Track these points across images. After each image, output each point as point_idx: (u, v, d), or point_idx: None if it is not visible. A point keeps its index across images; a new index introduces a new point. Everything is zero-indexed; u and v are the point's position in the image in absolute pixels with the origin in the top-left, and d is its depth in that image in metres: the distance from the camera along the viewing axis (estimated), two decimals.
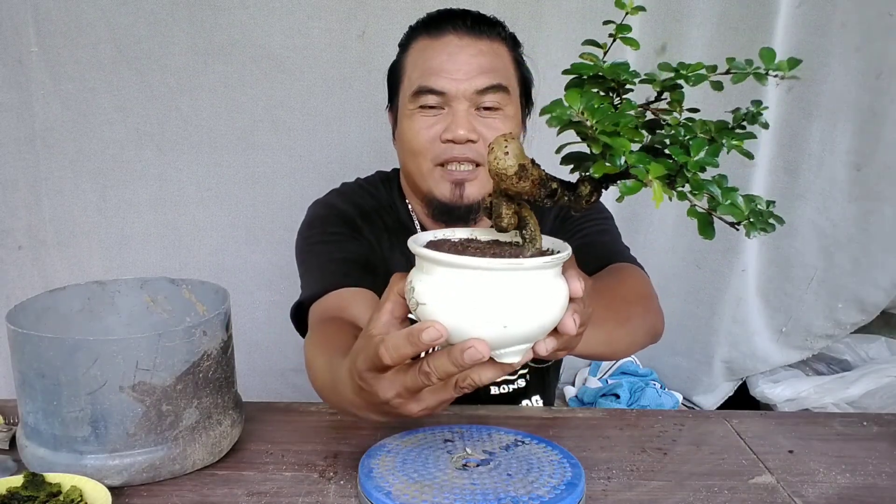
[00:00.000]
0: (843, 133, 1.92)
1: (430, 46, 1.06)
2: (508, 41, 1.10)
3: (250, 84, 1.89)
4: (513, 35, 1.12)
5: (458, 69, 1.03)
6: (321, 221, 1.14)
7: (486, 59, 1.05)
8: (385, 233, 1.16)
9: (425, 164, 1.08)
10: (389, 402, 0.65)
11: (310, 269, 1.09)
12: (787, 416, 1.14)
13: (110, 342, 0.81)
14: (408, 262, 1.15)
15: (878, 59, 1.85)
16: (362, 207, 1.16)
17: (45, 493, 0.78)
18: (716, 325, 2.12)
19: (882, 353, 2.18)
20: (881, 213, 1.94)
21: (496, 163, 0.57)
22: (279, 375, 1.98)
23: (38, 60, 1.85)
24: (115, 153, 1.92)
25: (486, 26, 1.07)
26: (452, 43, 1.05)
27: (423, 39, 1.08)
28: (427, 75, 1.05)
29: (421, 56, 1.07)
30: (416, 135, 1.07)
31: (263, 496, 0.84)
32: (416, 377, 0.61)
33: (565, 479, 0.81)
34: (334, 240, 1.10)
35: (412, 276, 0.62)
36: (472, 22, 1.06)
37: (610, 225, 1.20)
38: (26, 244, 1.97)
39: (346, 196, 1.18)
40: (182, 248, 1.99)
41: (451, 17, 1.07)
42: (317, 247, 1.10)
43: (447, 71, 1.03)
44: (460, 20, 1.06)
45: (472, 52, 1.04)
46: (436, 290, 0.58)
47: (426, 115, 1.06)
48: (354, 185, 1.22)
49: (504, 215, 0.61)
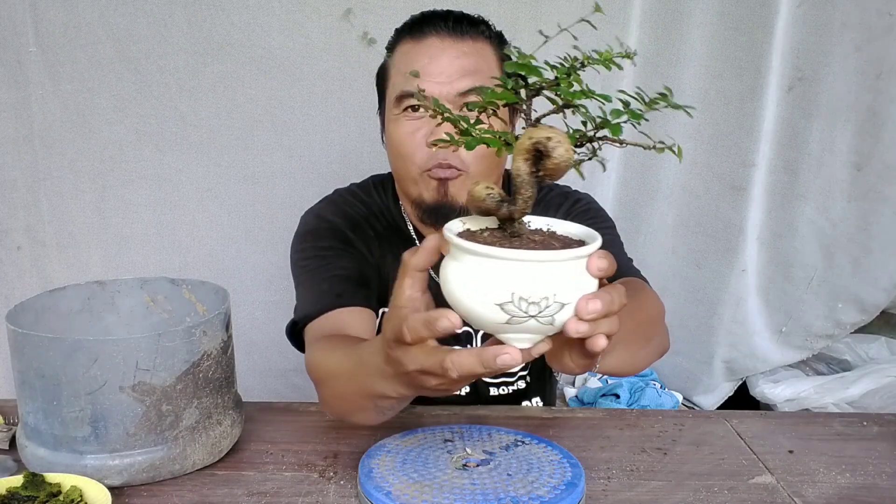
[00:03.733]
0: (842, 133, 1.92)
1: (412, 50, 1.05)
2: (494, 40, 1.08)
3: (249, 84, 1.89)
4: (499, 33, 1.10)
5: (441, 72, 1.02)
6: (312, 236, 1.13)
7: (469, 61, 1.03)
8: (376, 240, 1.16)
9: (413, 169, 1.07)
10: (411, 374, 0.67)
11: (304, 287, 1.10)
12: (787, 416, 1.14)
13: (110, 342, 0.81)
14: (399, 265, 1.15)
15: (878, 58, 1.85)
16: (352, 218, 1.15)
17: (45, 493, 0.78)
18: (716, 325, 2.12)
19: (882, 353, 2.18)
20: (881, 213, 1.94)
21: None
22: (279, 375, 1.98)
23: (36, 60, 1.84)
24: (114, 153, 1.92)
25: (468, 26, 1.05)
26: (434, 45, 1.04)
27: (407, 42, 1.07)
28: (409, 80, 1.03)
29: (404, 60, 1.06)
30: (401, 139, 1.06)
31: (263, 496, 0.84)
32: (436, 366, 0.63)
33: (565, 479, 0.81)
34: (326, 255, 1.10)
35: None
36: (454, 23, 1.04)
37: (615, 235, 1.20)
38: (25, 244, 1.96)
39: (337, 206, 1.17)
40: (181, 248, 1.99)
41: (432, 19, 1.05)
42: (310, 263, 1.10)
43: (429, 74, 1.02)
44: (442, 21, 1.04)
45: (454, 53, 1.03)
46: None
47: (411, 118, 1.05)
48: (346, 193, 1.20)
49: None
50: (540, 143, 0.58)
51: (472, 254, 0.59)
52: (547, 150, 0.58)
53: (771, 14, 1.86)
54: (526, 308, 0.58)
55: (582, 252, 0.59)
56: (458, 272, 0.60)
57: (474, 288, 0.59)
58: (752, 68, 1.91)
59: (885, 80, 1.86)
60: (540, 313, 0.58)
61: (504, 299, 0.57)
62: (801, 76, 1.92)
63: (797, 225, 2.01)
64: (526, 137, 0.59)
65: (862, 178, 1.94)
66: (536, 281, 0.57)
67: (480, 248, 0.58)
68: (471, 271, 0.59)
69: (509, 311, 0.58)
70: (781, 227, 2.03)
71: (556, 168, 0.59)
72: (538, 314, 0.58)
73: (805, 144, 1.95)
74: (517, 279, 0.57)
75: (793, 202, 1.99)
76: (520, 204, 0.61)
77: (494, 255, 0.58)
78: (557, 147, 0.58)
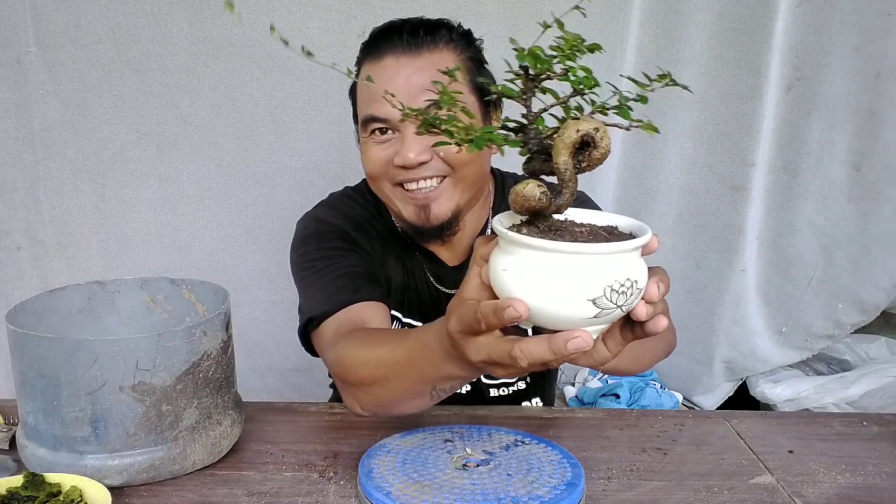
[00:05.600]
0: (841, 132, 1.92)
1: (371, 71, 1.03)
2: (457, 42, 1.04)
3: (250, 84, 1.89)
4: (466, 32, 1.07)
5: (398, 92, 0.95)
6: (316, 238, 1.11)
7: (425, 76, 0.99)
8: (378, 240, 1.15)
9: (386, 187, 1.06)
10: (476, 364, 0.67)
11: (313, 287, 1.06)
12: (787, 416, 1.14)
13: (110, 342, 0.81)
14: (402, 266, 1.15)
15: (877, 58, 1.85)
16: (354, 219, 1.14)
17: (45, 493, 0.78)
18: (716, 325, 2.12)
19: (882, 353, 2.18)
20: (880, 213, 1.94)
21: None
22: (280, 375, 1.97)
23: (36, 60, 1.84)
24: (115, 153, 1.92)
25: (425, 35, 1.02)
26: (390, 66, 1.01)
27: (367, 63, 1.04)
28: (370, 103, 1.02)
29: (364, 84, 1.03)
30: (370, 162, 1.05)
31: (263, 496, 0.84)
32: (504, 356, 0.63)
33: (565, 479, 0.82)
34: (335, 255, 1.08)
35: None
36: (410, 35, 1.01)
37: None
38: (25, 245, 1.96)
39: (336, 209, 1.16)
40: (182, 247, 1.99)
41: (389, 36, 1.03)
42: (318, 263, 1.08)
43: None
44: (397, 37, 1.02)
45: (409, 71, 1.00)
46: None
47: (378, 141, 1.04)
48: (343, 196, 1.20)
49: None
50: (588, 134, 0.58)
51: (558, 252, 0.58)
52: (594, 141, 0.58)
53: (770, 14, 1.86)
54: (616, 299, 0.58)
55: (645, 238, 0.60)
56: (531, 271, 0.59)
57: (561, 287, 0.58)
58: (752, 68, 1.91)
59: (884, 79, 1.86)
60: (626, 302, 0.59)
61: (597, 294, 0.57)
62: (801, 76, 1.92)
63: (797, 224, 2.01)
64: (573, 130, 0.58)
65: (861, 177, 1.94)
66: (624, 271, 0.58)
67: (565, 246, 0.58)
68: (553, 270, 0.58)
69: (600, 304, 0.58)
70: (781, 226, 2.03)
71: (601, 158, 0.59)
72: (624, 303, 0.59)
73: (804, 144, 1.95)
74: (608, 272, 0.57)
75: (792, 202, 1.99)
76: (566, 198, 0.61)
77: (587, 251, 0.57)
78: (605, 137, 0.58)
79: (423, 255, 1.16)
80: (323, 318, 1.00)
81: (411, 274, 1.15)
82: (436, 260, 1.16)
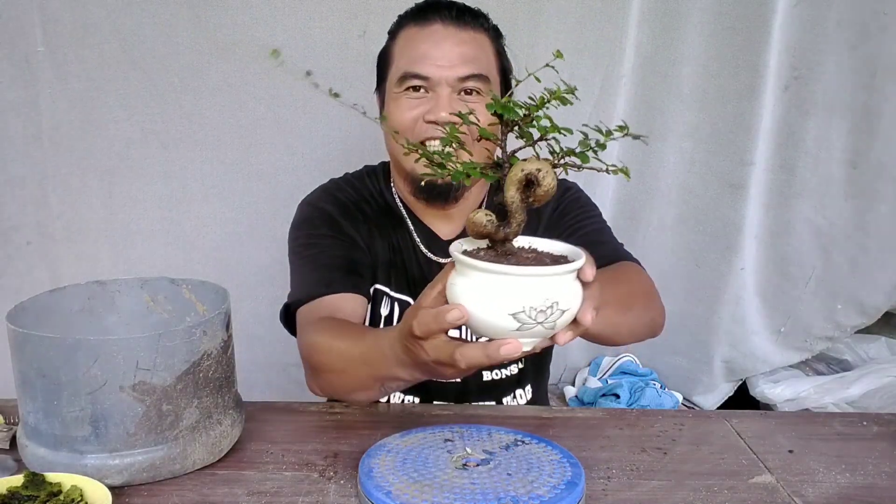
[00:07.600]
0: (838, 131, 1.93)
1: (417, 34, 1.12)
2: (491, 32, 1.15)
3: (253, 83, 1.90)
4: (495, 27, 1.17)
5: (443, 56, 1.09)
6: (307, 224, 1.20)
7: (469, 49, 1.11)
8: (365, 223, 1.21)
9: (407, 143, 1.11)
10: (426, 364, 0.77)
11: (297, 274, 1.17)
12: (787, 416, 1.14)
13: (110, 342, 0.81)
14: (388, 244, 1.22)
15: (874, 57, 1.86)
16: (342, 203, 1.21)
17: (46, 492, 0.78)
18: (715, 324, 2.12)
19: (882, 353, 2.18)
20: (877, 212, 1.94)
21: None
22: (281, 370, 1.99)
23: (44, 60, 1.86)
24: (121, 151, 1.94)
25: (470, 17, 1.13)
26: (438, 32, 1.11)
27: (411, 28, 1.14)
28: (413, 61, 1.11)
29: (408, 44, 1.13)
30: (400, 115, 1.12)
31: (263, 496, 0.84)
32: (447, 357, 0.73)
33: (565, 478, 0.82)
34: (320, 243, 1.17)
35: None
36: (458, 12, 1.12)
37: (604, 221, 1.25)
38: (35, 240, 1.99)
39: (329, 193, 1.24)
40: (186, 243, 2.01)
41: (437, 8, 1.13)
42: (304, 251, 1.17)
43: (432, 58, 1.09)
44: (446, 10, 1.12)
45: (456, 41, 1.10)
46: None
47: (411, 97, 1.12)
48: (339, 181, 1.27)
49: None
50: (531, 174, 0.67)
51: (486, 272, 0.67)
52: (537, 180, 0.67)
53: (768, 13, 1.87)
54: (535, 316, 0.67)
55: (576, 265, 0.69)
56: (470, 287, 0.69)
57: (488, 301, 0.67)
58: (749, 67, 1.91)
59: (881, 78, 1.86)
60: (546, 320, 0.67)
61: (516, 309, 0.66)
62: (798, 75, 1.92)
63: (794, 223, 2.01)
64: (518, 169, 0.67)
65: (858, 175, 1.94)
66: (543, 292, 0.66)
67: (494, 267, 0.67)
68: (484, 287, 0.68)
69: (520, 319, 0.66)
70: (779, 225, 2.03)
71: (545, 195, 0.68)
72: (544, 321, 0.67)
73: (802, 143, 1.95)
74: (528, 292, 0.66)
75: (790, 200, 2.00)
76: (514, 227, 0.70)
77: (507, 272, 0.66)
78: (546, 177, 0.67)
79: (417, 229, 1.22)
80: (297, 304, 1.11)
81: (398, 251, 1.22)
82: (430, 233, 1.22)
